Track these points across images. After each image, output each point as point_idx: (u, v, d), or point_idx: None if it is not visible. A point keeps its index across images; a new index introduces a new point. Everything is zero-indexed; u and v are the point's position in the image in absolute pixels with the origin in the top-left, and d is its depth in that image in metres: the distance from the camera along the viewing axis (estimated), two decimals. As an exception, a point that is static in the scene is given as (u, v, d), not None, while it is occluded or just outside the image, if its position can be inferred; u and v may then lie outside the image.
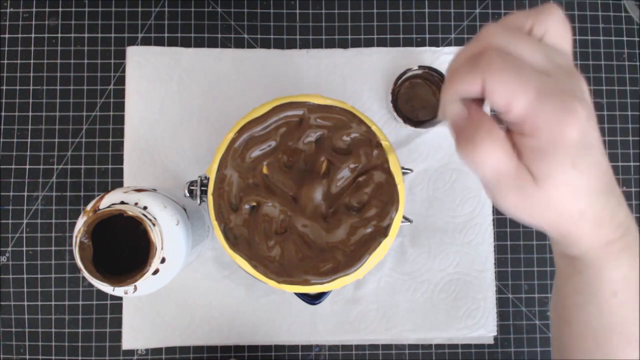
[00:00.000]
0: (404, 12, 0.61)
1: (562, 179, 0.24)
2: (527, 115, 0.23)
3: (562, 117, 0.23)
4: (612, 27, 0.61)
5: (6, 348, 0.56)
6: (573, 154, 0.24)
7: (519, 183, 0.25)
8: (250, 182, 0.41)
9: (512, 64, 0.24)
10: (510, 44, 0.24)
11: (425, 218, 0.58)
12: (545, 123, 0.23)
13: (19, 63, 0.59)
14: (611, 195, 0.26)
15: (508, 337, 0.58)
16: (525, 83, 0.23)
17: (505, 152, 0.24)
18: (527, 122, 0.24)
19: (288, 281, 0.40)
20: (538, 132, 0.24)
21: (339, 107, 0.41)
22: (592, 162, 0.25)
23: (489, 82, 0.24)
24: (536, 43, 0.25)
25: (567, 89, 0.24)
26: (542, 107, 0.23)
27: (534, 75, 0.23)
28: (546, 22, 0.25)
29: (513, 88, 0.23)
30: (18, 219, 0.57)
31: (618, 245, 0.28)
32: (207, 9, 0.60)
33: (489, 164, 0.25)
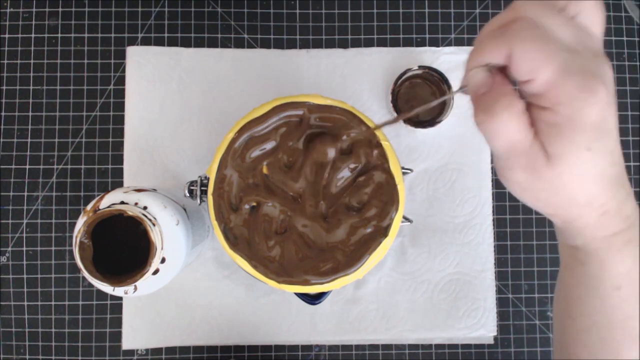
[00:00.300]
0: (404, 12, 0.61)
1: (575, 160, 0.24)
2: (549, 88, 0.23)
3: (584, 95, 0.23)
4: (612, 27, 0.61)
5: (6, 348, 0.56)
6: (589, 136, 0.23)
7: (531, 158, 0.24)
8: (250, 182, 0.41)
9: (540, 36, 0.23)
10: (541, 17, 0.24)
11: (425, 218, 0.58)
12: (566, 98, 0.23)
13: (19, 63, 0.59)
14: (621, 186, 0.26)
15: (508, 337, 0.58)
16: (551, 56, 0.23)
17: (523, 125, 0.24)
18: (548, 95, 0.23)
19: (288, 281, 0.40)
20: (558, 107, 0.23)
21: (339, 107, 0.41)
22: (607, 149, 0.24)
23: (516, 50, 0.23)
24: (567, 20, 0.25)
25: (592, 70, 0.23)
26: (565, 82, 0.23)
27: (561, 50, 0.23)
28: (580, 3, 0.25)
29: (539, 58, 0.23)
30: (18, 219, 0.57)
31: (623, 238, 0.28)
32: (207, 9, 0.60)
33: (505, 135, 0.24)
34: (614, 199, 0.26)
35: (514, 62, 0.24)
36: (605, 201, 0.26)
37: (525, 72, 0.24)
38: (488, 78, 0.25)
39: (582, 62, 0.23)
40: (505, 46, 0.24)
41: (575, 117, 0.23)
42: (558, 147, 0.24)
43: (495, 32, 0.25)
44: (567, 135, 0.24)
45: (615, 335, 0.29)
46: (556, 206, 0.26)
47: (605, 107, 0.23)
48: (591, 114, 0.23)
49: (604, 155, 0.24)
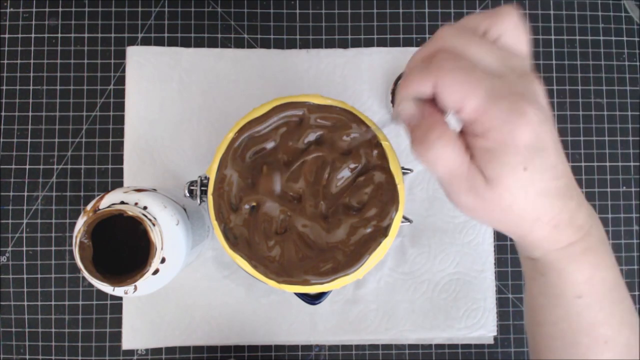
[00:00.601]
0: (404, 12, 0.61)
1: (513, 182, 0.24)
2: (478, 116, 0.24)
3: (512, 119, 0.23)
4: (612, 27, 0.61)
5: (6, 348, 0.56)
6: (524, 157, 0.24)
7: (471, 183, 0.25)
8: (250, 182, 0.41)
9: (463, 66, 0.24)
10: (463, 46, 0.24)
11: (425, 218, 0.58)
12: (495, 124, 0.23)
13: (19, 63, 0.59)
14: (568, 198, 0.26)
15: (508, 337, 0.58)
16: (475, 84, 0.23)
17: (457, 152, 0.25)
18: (478, 122, 0.24)
19: (288, 281, 0.40)
20: (488, 132, 0.24)
21: (339, 107, 0.41)
22: (546, 165, 0.24)
23: (440, 83, 0.24)
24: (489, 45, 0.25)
25: (518, 92, 0.24)
26: (493, 108, 0.23)
27: (485, 77, 0.24)
28: (502, 24, 0.25)
29: (463, 89, 0.23)
30: (18, 219, 0.57)
31: (579, 248, 0.28)
32: (207, 9, 0.60)
33: (441, 163, 0.25)
34: (563, 211, 0.26)
35: (439, 94, 0.24)
36: (555, 215, 0.26)
37: (452, 103, 0.24)
38: (418, 109, 0.26)
39: (508, 85, 0.24)
40: (430, 79, 0.24)
41: (507, 141, 0.24)
42: (494, 170, 0.24)
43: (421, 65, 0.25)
44: (501, 158, 0.24)
45: (582, 341, 0.30)
46: (507, 224, 0.27)
47: (537, 126, 0.23)
48: (523, 136, 0.23)
49: (544, 172, 0.24)
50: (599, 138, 0.60)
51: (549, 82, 0.61)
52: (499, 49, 0.25)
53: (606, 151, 0.60)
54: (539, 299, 0.31)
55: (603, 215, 0.60)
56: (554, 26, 0.61)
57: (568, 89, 0.61)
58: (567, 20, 0.61)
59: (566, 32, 0.61)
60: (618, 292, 0.30)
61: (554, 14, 0.61)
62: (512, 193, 0.25)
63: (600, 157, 0.60)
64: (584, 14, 0.61)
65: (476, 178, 0.25)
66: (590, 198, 0.60)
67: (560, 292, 0.29)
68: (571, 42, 0.61)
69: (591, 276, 0.29)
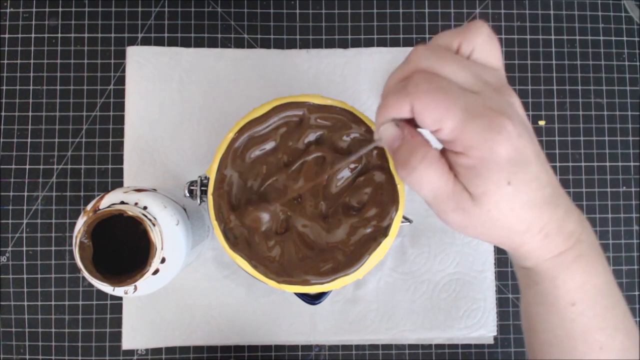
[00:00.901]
0: (404, 12, 0.61)
1: (498, 196, 0.24)
2: (457, 135, 0.24)
3: (490, 136, 0.23)
4: (612, 27, 0.61)
5: (6, 348, 0.56)
6: (507, 171, 0.24)
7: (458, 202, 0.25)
8: (250, 182, 0.41)
9: (438, 86, 0.24)
10: (436, 65, 0.25)
11: (425, 218, 0.58)
12: (474, 142, 0.24)
13: (19, 63, 0.59)
14: (556, 206, 0.26)
15: (508, 337, 0.58)
16: (451, 104, 0.23)
17: (441, 173, 0.25)
18: (457, 141, 0.24)
19: (288, 281, 0.40)
20: (469, 151, 0.24)
21: (339, 107, 0.41)
22: (529, 177, 0.25)
23: (417, 105, 0.24)
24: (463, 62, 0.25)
25: (495, 107, 0.24)
26: (470, 127, 0.23)
27: (461, 95, 0.24)
28: (474, 39, 0.26)
29: (440, 110, 0.23)
30: (18, 219, 0.57)
31: (570, 255, 0.28)
32: (207, 9, 0.60)
33: (426, 184, 0.25)
34: (551, 220, 0.26)
35: (417, 116, 0.24)
36: (544, 225, 0.26)
37: (430, 124, 0.24)
38: (398, 132, 0.26)
39: (484, 101, 0.24)
40: (407, 102, 0.24)
41: (488, 157, 0.24)
42: (478, 187, 0.24)
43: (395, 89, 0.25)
44: (484, 175, 0.24)
45: (578, 347, 0.30)
46: (497, 237, 0.27)
47: (516, 139, 0.24)
48: (503, 151, 0.23)
49: (528, 184, 0.25)
50: (599, 138, 0.60)
51: (548, 82, 0.61)
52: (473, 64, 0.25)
53: (606, 151, 0.60)
54: (534, 307, 0.32)
55: (603, 215, 0.60)
56: (554, 26, 0.61)
57: (568, 89, 0.61)
58: (567, 20, 0.61)
59: (566, 32, 0.61)
60: (611, 297, 0.30)
61: (554, 14, 0.61)
62: (499, 208, 0.25)
63: (600, 157, 0.60)
64: (584, 14, 0.61)
65: (462, 196, 0.25)
66: (590, 198, 0.60)
67: (554, 300, 0.30)
68: (571, 42, 0.61)
69: (583, 283, 0.29)
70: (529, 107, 0.60)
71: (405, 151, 0.26)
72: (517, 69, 0.60)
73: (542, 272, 0.29)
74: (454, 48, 0.26)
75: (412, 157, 0.25)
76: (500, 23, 0.61)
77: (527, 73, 0.60)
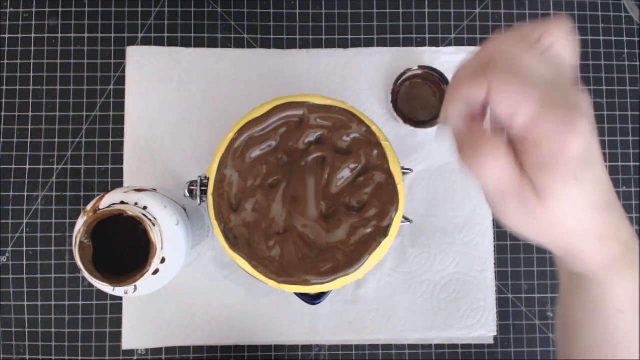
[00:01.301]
0: (404, 12, 0.61)
1: (564, 194, 0.24)
2: (531, 125, 0.23)
3: (565, 129, 0.23)
4: (612, 27, 0.61)
5: (6, 348, 0.56)
6: (576, 168, 0.23)
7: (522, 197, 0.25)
8: (250, 182, 0.41)
9: (518, 72, 0.23)
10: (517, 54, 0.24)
11: (425, 218, 0.58)
12: (548, 134, 0.23)
13: (19, 63, 0.59)
14: (613, 211, 0.26)
15: (508, 337, 0.58)
16: (530, 92, 0.23)
17: (509, 165, 0.24)
18: (530, 132, 0.23)
19: (288, 281, 0.40)
20: (541, 143, 0.23)
21: (339, 107, 0.41)
22: (595, 177, 0.24)
23: (495, 89, 0.23)
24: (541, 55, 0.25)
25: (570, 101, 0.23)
26: (546, 118, 0.23)
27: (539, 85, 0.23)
28: (554, 34, 0.25)
29: (518, 96, 0.23)
30: (18, 219, 0.57)
31: (623, 262, 0.28)
32: (207, 9, 0.60)
33: (493, 176, 0.24)
34: (608, 224, 0.26)
35: (493, 99, 0.24)
36: (600, 228, 0.26)
37: (506, 109, 0.24)
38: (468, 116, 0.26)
39: (561, 94, 0.24)
40: (484, 83, 0.24)
41: (560, 150, 0.23)
42: (546, 182, 0.24)
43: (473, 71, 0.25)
44: (553, 169, 0.24)
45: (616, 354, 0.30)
46: (553, 238, 0.26)
47: (588, 136, 0.23)
48: (575, 146, 0.23)
49: (593, 184, 0.24)
50: (599, 138, 0.60)
51: (549, 82, 0.60)
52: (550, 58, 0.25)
53: (606, 151, 0.60)
54: (577, 313, 0.31)
55: (603, 215, 0.60)
56: (554, 26, 0.61)
57: (568, 89, 0.61)
58: (567, 20, 0.61)
59: (566, 32, 0.61)
60: None
61: (554, 14, 0.61)
62: (562, 205, 0.24)
63: (600, 157, 0.60)
64: (584, 14, 0.61)
65: (527, 191, 0.25)
66: (590, 198, 0.60)
67: (601, 305, 0.30)
68: (571, 42, 0.61)
69: (633, 291, 0.29)
70: (529, 107, 0.60)
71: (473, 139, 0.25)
72: (517, 69, 0.60)
73: (592, 276, 0.29)
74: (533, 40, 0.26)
75: (481, 145, 0.24)
76: (500, 23, 0.61)
77: (527, 73, 0.60)
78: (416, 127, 0.55)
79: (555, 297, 0.58)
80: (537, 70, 0.24)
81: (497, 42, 0.25)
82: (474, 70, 0.25)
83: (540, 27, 0.26)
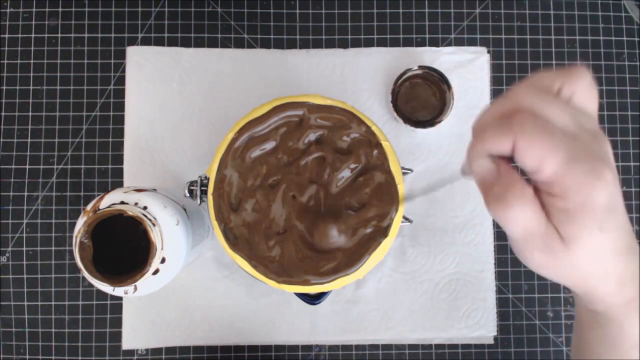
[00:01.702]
0: (404, 12, 0.61)
1: (589, 242, 0.25)
2: (557, 178, 0.24)
3: (591, 181, 0.24)
4: (612, 27, 0.61)
5: (6, 348, 0.56)
6: (600, 218, 0.24)
7: (547, 243, 0.25)
8: (250, 182, 0.41)
9: (543, 127, 0.24)
10: (540, 106, 0.25)
11: (425, 218, 0.58)
12: (574, 186, 0.24)
13: (19, 63, 0.59)
14: (633, 254, 0.27)
15: (508, 337, 0.58)
16: (556, 146, 0.24)
17: (536, 212, 0.25)
18: (556, 184, 0.24)
19: (288, 281, 0.40)
20: (567, 194, 0.24)
21: (339, 107, 0.41)
22: (617, 225, 0.25)
23: (521, 144, 0.24)
24: (565, 106, 0.26)
25: (595, 153, 0.24)
26: (572, 171, 0.24)
27: (564, 139, 0.24)
28: (575, 84, 0.26)
29: (544, 151, 0.24)
30: (18, 219, 0.57)
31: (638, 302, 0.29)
32: (207, 9, 0.60)
33: (520, 223, 0.25)
34: (628, 267, 0.27)
35: (519, 154, 0.24)
36: (622, 272, 0.27)
37: (532, 164, 0.24)
38: (494, 167, 0.26)
39: (585, 147, 0.24)
40: (509, 139, 0.24)
41: (586, 202, 0.24)
42: (572, 230, 0.25)
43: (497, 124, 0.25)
44: (580, 219, 0.24)
45: None
46: (576, 280, 0.27)
47: (612, 187, 0.24)
48: (600, 198, 0.24)
49: (616, 232, 0.25)
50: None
51: (549, 82, 0.60)
52: (573, 109, 0.26)
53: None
54: (594, 348, 0.33)
55: (603, 215, 0.60)
56: (554, 26, 0.61)
57: (568, 89, 0.61)
58: (567, 20, 0.61)
59: (566, 32, 0.61)
60: None
61: (554, 14, 0.61)
62: (587, 253, 0.25)
63: (600, 157, 0.60)
64: (584, 14, 0.61)
65: (552, 237, 0.25)
66: (590, 198, 0.60)
67: (619, 342, 0.31)
68: (571, 42, 0.61)
69: None
70: (529, 107, 0.60)
71: (501, 187, 0.26)
72: (517, 69, 0.60)
73: (610, 316, 0.30)
74: (554, 90, 0.26)
75: (509, 193, 0.25)
76: (500, 23, 0.61)
77: (527, 73, 0.60)
78: (416, 127, 0.55)
79: (555, 296, 0.58)
80: (561, 123, 0.25)
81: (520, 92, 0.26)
82: (499, 123, 0.25)
83: (560, 76, 0.26)
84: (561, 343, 0.58)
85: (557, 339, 0.58)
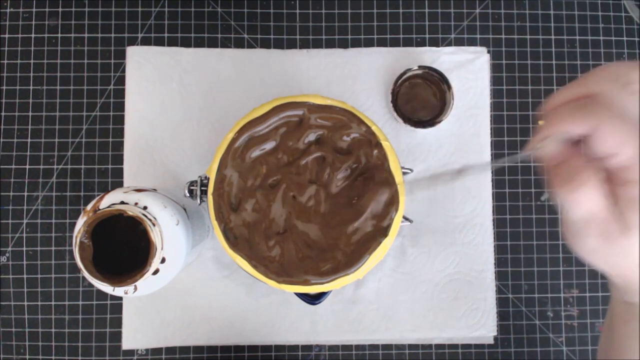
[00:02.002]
0: (404, 12, 0.61)
1: None
2: (633, 163, 0.24)
3: None
4: (612, 27, 0.61)
5: (6, 348, 0.56)
6: None
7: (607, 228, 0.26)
8: (250, 182, 0.41)
9: (621, 113, 0.25)
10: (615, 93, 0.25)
11: (425, 218, 0.58)
12: None
13: (19, 63, 0.59)
14: None
15: (508, 337, 0.58)
16: (633, 134, 0.24)
17: (603, 196, 0.25)
18: (631, 169, 0.25)
19: (288, 281, 0.40)
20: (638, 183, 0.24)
21: (339, 107, 0.41)
22: None
23: (601, 128, 0.24)
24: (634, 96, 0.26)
25: None
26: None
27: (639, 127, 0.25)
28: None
29: (623, 137, 0.24)
30: (18, 219, 0.57)
31: None
32: (207, 9, 0.60)
33: (585, 205, 0.25)
34: None
35: (599, 138, 0.25)
36: None
37: (610, 148, 0.25)
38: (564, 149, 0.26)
39: None
40: (590, 121, 0.25)
41: None
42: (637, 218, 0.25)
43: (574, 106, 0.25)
44: None
45: None
46: (623, 269, 0.28)
47: None
48: None
49: None
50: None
51: (549, 82, 0.61)
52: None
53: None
54: (627, 342, 0.33)
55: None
56: (554, 26, 0.61)
57: (568, 89, 0.60)
58: (567, 20, 0.61)
59: (566, 32, 0.61)
60: None
61: (554, 14, 0.61)
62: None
63: (600, 157, 0.60)
64: (584, 14, 0.61)
65: (613, 223, 0.26)
66: (590, 198, 0.60)
67: None
68: (571, 42, 0.61)
69: None
70: (529, 107, 0.60)
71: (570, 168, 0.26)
72: (517, 69, 0.60)
73: None
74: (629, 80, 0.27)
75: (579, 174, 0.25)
76: (500, 23, 0.61)
77: (527, 73, 0.60)
78: (416, 127, 0.55)
79: (555, 296, 0.58)
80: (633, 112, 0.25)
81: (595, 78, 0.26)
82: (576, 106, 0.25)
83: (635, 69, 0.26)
84: (561, 343, 0.58)
85: (557, 339, 0.58)
